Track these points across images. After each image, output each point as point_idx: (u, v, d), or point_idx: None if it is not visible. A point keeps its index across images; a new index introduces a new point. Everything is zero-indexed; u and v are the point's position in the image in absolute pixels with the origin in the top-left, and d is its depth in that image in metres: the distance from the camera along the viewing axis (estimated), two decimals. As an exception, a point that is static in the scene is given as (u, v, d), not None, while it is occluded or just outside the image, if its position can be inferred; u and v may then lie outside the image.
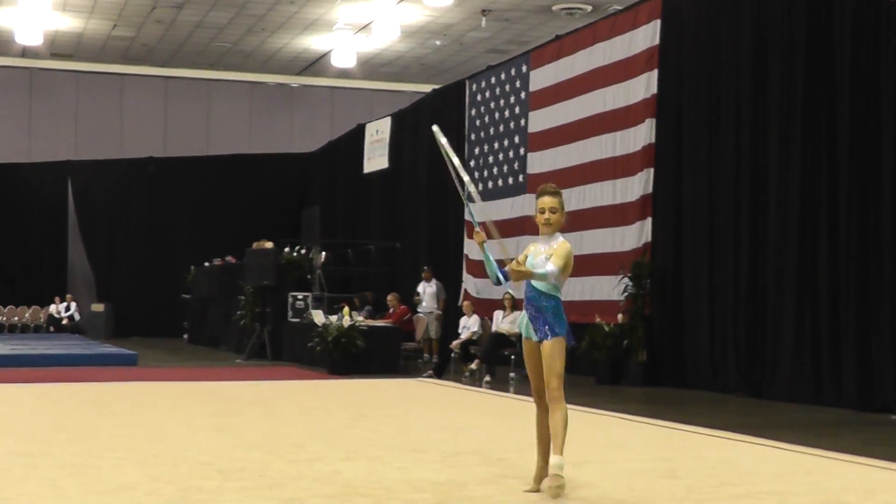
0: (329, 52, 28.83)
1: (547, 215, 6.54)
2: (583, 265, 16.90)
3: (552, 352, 6.36)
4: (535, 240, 6.67)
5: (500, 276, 6.49)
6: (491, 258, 6.56)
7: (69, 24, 27.04)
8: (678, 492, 6.60)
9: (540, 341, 6.41)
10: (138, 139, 31.81)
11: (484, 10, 24.85)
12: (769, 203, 13.42)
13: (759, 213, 13.65)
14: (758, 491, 6.66)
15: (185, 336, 27.70)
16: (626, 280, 15.36)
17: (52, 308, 30.44)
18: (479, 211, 7.06)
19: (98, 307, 29.69)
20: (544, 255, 6.47)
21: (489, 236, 6.57)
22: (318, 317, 17.91)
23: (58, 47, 29.42)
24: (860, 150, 12.09)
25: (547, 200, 6.54)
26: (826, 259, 12.48)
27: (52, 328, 29.82)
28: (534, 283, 6.42)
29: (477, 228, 6.61)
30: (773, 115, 13.45)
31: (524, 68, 19.34)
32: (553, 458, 6.28)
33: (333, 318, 17.36)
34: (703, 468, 7.59)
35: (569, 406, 6.40)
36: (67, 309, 30.47)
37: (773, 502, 6.32)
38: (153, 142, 31.96)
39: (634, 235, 15.76)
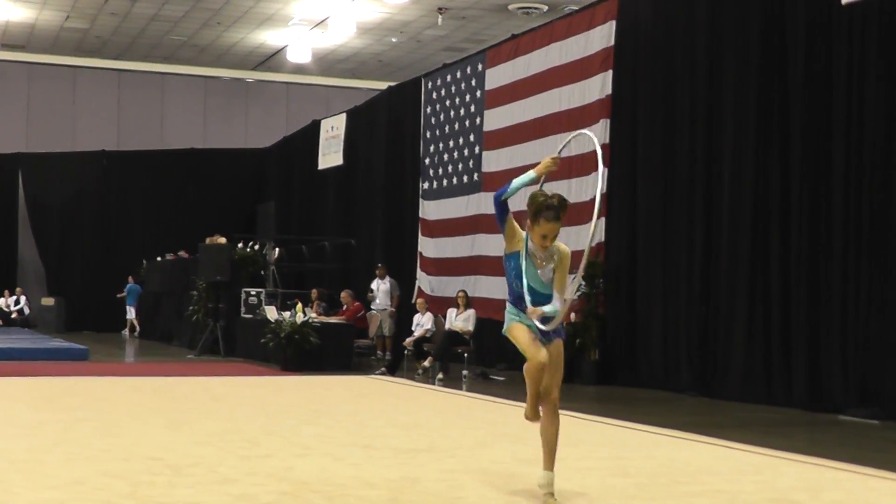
0: (285, 47, 28.71)
1: (548, 242, 6.30)
2: (537, 264, 16.95)
3: (561, 355, 6.25)
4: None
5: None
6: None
7: (21, 14, 26.74)
8: (629, 490, 6.64)
9: (550, 341, 6.16)
10: (91, 132, 31.51)
11: (440, 8, 24.85)
12: (722, 204, 13.53)
13: (712, 213, 13.77)
14: (708, 489, 6.72)
15: (132, 330, 27.72)
16: (579, 279, 15.40)
17: (2, 302, 30.10)
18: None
19: (48, 301, 29.39)
20: (552, 268, 6.31)
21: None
22: (272, 313, 17.84)
23: (9, 38, 29.08)
24: (812, 153, 12.22)
25: (552, 228, 6.31)
26: (777, 261, 12.62)
27: (0, 322, 29.47)
28: (543, 283, 6.19)
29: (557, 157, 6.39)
30: (727, 116, 13.57)
31: (480, 67, 19.38)
32: (546, 475, 6.07)
33: (287, 314, 17.30)
34: (655, 466, 7.64)
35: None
36: (17, 303, 30.15)
37: (724, 501, 6.38)
38: (106, 135, 31.66)
39: (588, 235, 15.79)
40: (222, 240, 21.64)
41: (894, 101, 11.31)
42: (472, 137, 19.46)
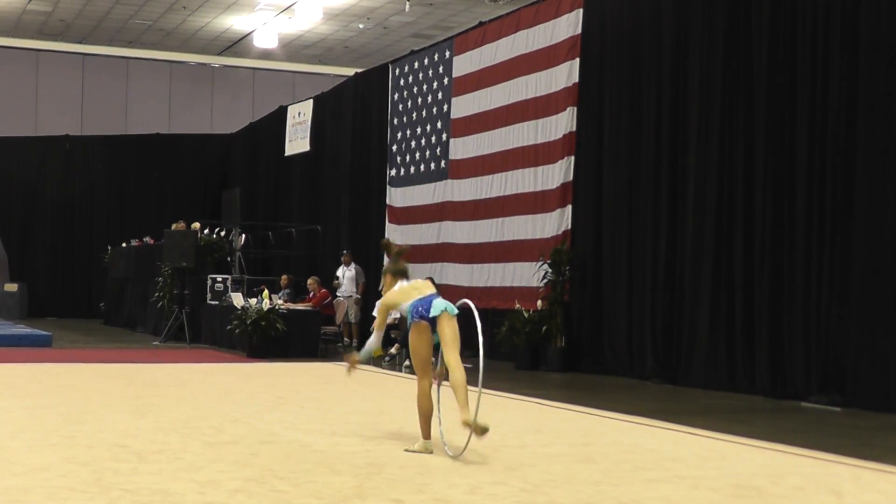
0: (251, 32, 28.57)
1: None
2: (503, 252, 17.04)
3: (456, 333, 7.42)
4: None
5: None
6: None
7: (-16, -3, 26.45)
8: (595, 475, 6.69)
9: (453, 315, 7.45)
10: (54, 116, 31.20)
11: (408, -5, 24.83)
12: (687, 193, 13.62)
13: (677, 202, 13.85)
14: (672, 475, 6.78)
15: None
16: (545, 267, 15.48)
17: (-36, 288, 29.80)
18: None
19: (11, 287, 29.09)
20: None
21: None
22: (238, 299, 17.78)
23: (-29, 21, 28.75)
24: (776, 143, 12.31)
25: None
26: (741, 249, 12.71)
27: (-37, 309, 29.18)
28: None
29: None
30: (692, 105, 13.64)
31: (447, 54, 19.36)
32: (470, 413, 6.97)
33: (253, 300, 17.25)
34: (619, 453, 7.69)
35: (490, 392, 6.51)
36: (-21, 289, 29.84)
37: (687, 487, 6.43)
38: (70, 119, 31.37)
39: (554, 223, 15.88)
40: (196, 225, 21.50)
41: (857, 91, 11.41)
42: (439, 124, 19.46)
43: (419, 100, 20.20)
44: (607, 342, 14.96)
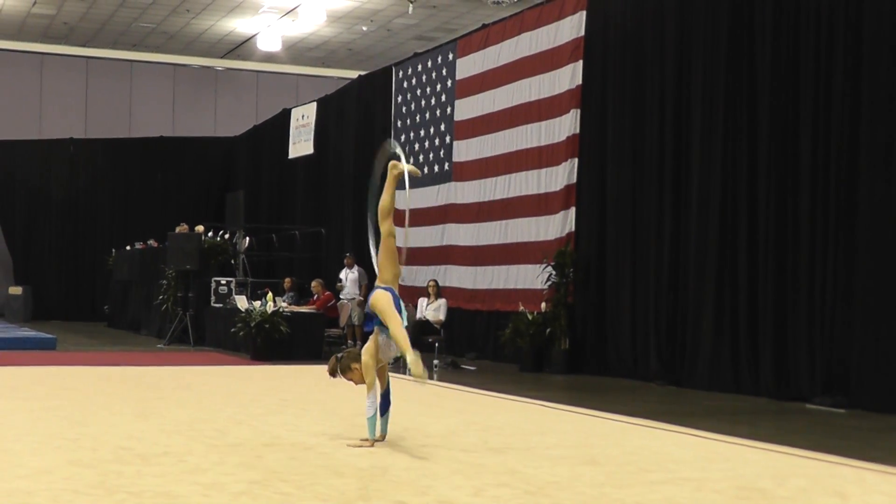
0: (255, 35, 28.60)
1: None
2: (507, 254, 17.04)
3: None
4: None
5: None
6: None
7: (-12, 0, 26.47)
8: (598, 478, 6.68)
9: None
10: (58, 119, 31.22)
11: (411, -3, 24.84)
12: (691, 194, 13.61)
13: (680, 203, 13.84)
14: (676, 477, 6.77)
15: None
16: (549, 269, 15.48)
17: (-31, 291, 29.82)
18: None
19: (16, 290, 29.13)
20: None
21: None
22: (242, 302, 17.79)
23: (-24, 24, 28.78)
24: (779, 143, 12.31)
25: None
26: (745, 250, 12.70)
27: (-32, 311, 29.20)
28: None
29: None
30: (695, 107, 13.64)
31: (451, 56, 19.37)
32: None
33: (257, 303, 17.26)
34: (623, 455, 7.69)
35: (494, 394, 6.48)
36: (-16, 292, 29.86)
37: (691, 489, 6.43)
38: (74, 122, 31.40)
39: (558, 225, 15.88)
40: (200, 228, 21.50)
41: (861, 90, 11.40)
42: (442, 127, 19.47)
43: (423, 102, 20.22)
44: (611, 344, 14.95)
